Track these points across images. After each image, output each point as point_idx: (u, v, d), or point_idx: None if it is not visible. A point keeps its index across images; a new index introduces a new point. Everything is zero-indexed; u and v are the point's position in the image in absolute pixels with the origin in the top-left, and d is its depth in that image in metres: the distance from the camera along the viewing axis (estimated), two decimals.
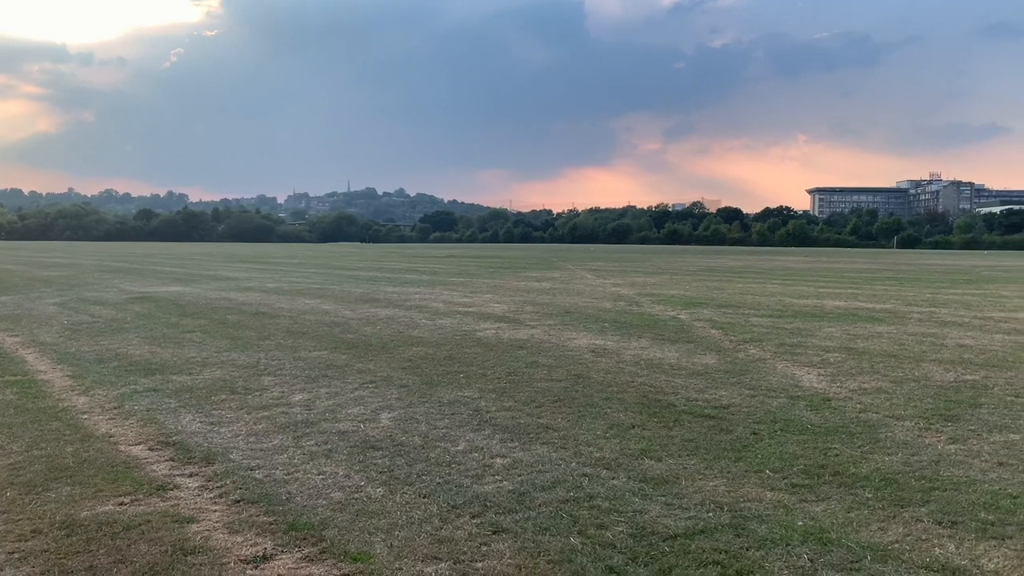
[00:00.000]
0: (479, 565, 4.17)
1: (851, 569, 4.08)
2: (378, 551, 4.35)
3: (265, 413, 7.55)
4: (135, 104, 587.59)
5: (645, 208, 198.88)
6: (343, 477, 5.62)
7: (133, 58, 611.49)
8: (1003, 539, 4.48)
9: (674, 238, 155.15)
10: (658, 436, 6.68)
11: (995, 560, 4.19)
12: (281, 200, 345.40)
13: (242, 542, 4.49)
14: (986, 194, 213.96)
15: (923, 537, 4.51)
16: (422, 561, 4.22)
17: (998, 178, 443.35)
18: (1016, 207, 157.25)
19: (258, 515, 4.89)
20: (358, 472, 5.73)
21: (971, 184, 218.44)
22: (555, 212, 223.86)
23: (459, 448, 6.33)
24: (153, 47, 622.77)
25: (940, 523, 4.72)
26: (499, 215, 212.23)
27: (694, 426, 7.01)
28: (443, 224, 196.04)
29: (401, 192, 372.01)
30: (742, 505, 5.02)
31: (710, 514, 4.86)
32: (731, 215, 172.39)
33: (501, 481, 5.51)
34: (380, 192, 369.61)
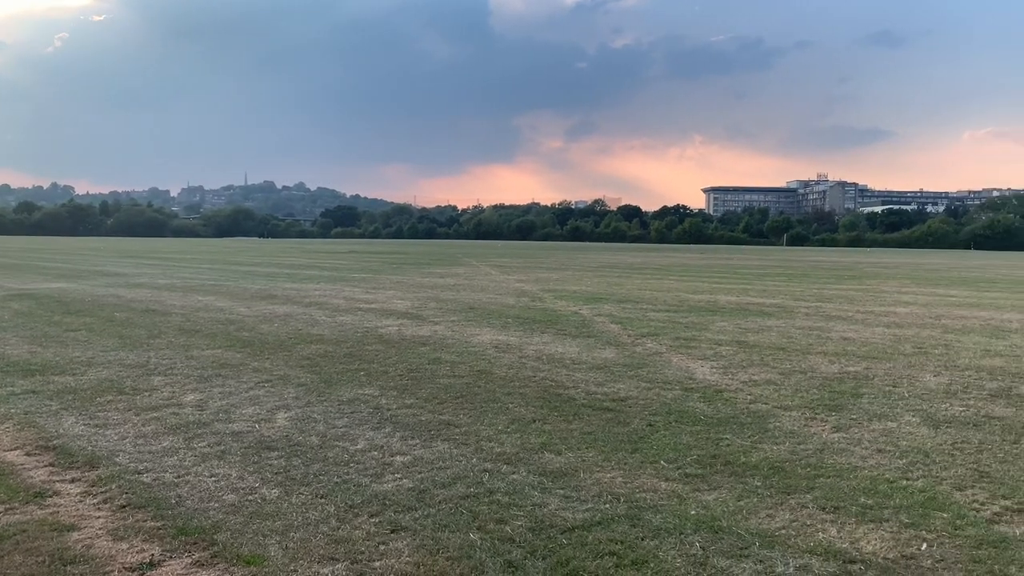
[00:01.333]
0: (377, 564, 4.12)
1: (740, 556, 4.22)
2: (273, 553, 4.24)
3: (154, 414, 7.25)
4: (15, 90, 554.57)
5: (549, 205, 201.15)
6: (237, 479, 5.45)
7: (13, 42, 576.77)
8: (880, 522, 4.72)
9: (577, 235, 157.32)
10: (558, 430, 6.75)
11: (873, 542, 4.41)
12: (174, 193, 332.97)
13: (127, 549, 4.30)
14: (869, 194, 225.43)
15: (808, 522, 4.71)
16: (318, 562, 4.14)
17: (880, 179, 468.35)
18: (896, 207, 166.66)
19: (145, 520, 4.69)
20: (252, 473, 5.57)
21: (855, 184, 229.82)
22: (460, 208, 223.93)
23: (358, 447, 6.24)
24: (35, 30, 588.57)
25: (824, 508, 4.93)
26: (403, 211, 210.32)
27: (593, 419, 7.12)
28: (345, 219, 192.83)
29: (301, 186, 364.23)
30: (638, 496, 5.13)
31: (607, 505, 4.95)
32: (631, 213, 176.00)
33: (401, 479, 5.45)
34: (279, 186, 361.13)
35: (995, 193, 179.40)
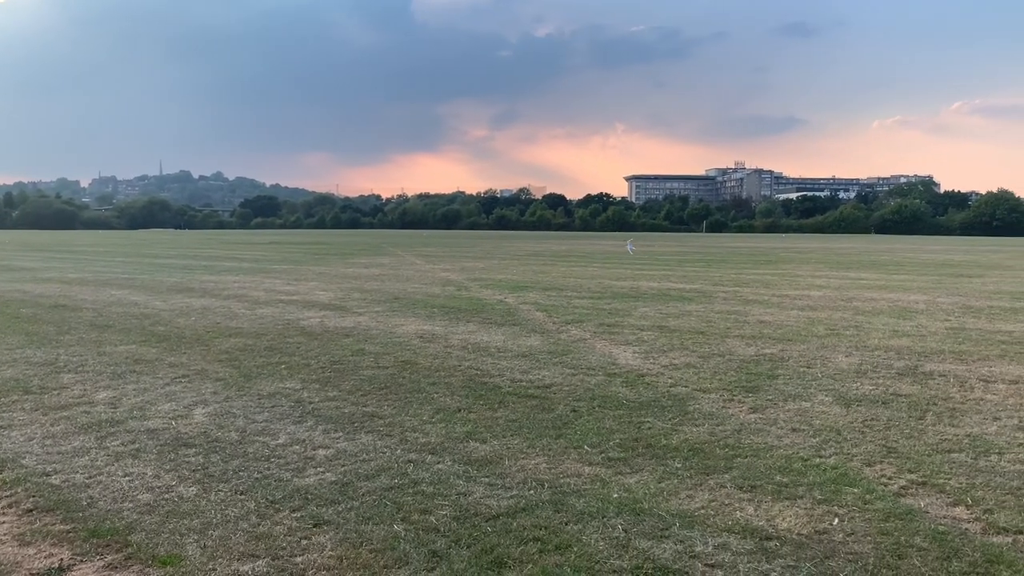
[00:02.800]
0: (299, 560, 4.05)
1: (662, 537, 4.30)
2: (190, 552, 4.13)
3: (64, 413, 6.96)
4: None
5: (474, 194, 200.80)
6: (152, 478, 5.29)
7: None
8: (795, 499, 4.87)
9: (503, 223, 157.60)
10: (483, 418, 6.76)
11: (788, 519, 4.56)
12: (85, 184, 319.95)
13: (35, 554, 4.12)
14: (784, 181, 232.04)
15: (726, 502, 4.83)
16: (238, 560, 4.05)
17: (795, 166, 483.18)
18: (810, 193, 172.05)
19: (54, 524, 4.50)
20: (169, 472, 5.41)
21: (771, 172, 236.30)
22: (384, 197, 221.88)
23: (279, 441, 6.12)
24: None
25: (741, 488, 5.07)
26: (326, 200, 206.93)
27: (518, 406, 7.15)
28: (265, 209, 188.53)
29: (219, 176, 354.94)
30: (562, 481, 5.18)
31: (531, 492, 4.98)
32: (556, 201, 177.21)
33: (324, 473, 5.37)
34: (196, 175, 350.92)
35: (902, 180, 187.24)
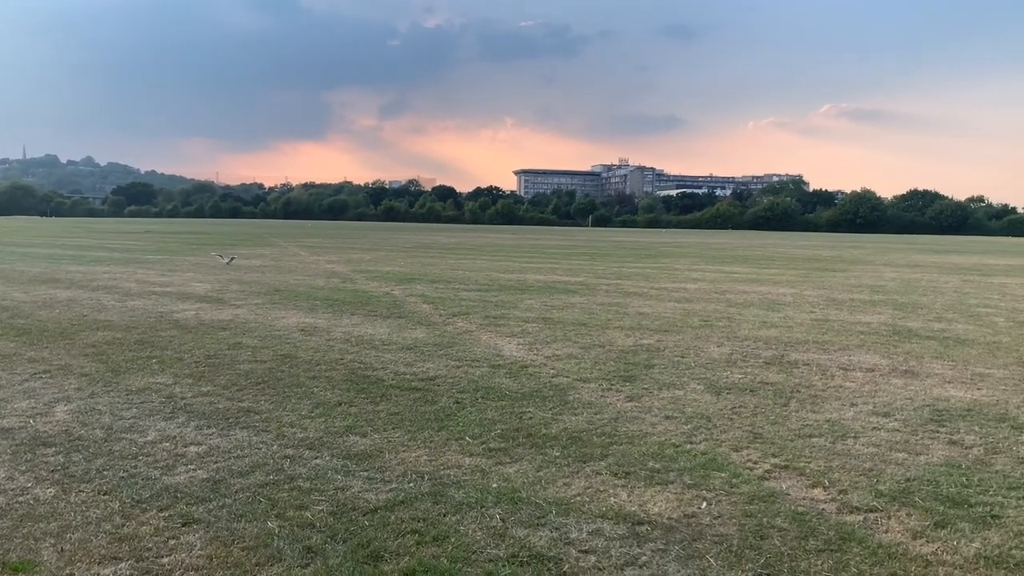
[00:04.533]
0: (165, 560, 3.90)
1: (538, 524, 4.37)
2: (46, 557, 3.90)
3: None
4: None
5: (362, 184, 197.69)
6: (5, 480, 4.97)
7: None
8: (666, 484, 5.05)
9: (391, 215, 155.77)
10: (364, 412, 6.68)
11: (659, 504, 4.72)
12: None
13: None
14: (665, 178, 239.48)
15: (601, 488, 4.95)
16: (98, 563, 3.86)
17: (675, 164, 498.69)
18: (689, 190, 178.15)
19: None
20: (24, 473, 5.10)
21: (653, 169, 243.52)
22: (267, 186, 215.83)
23: (148, 439, 5.87)
24: None
25: (616, 474, 5.21)
26: (205, 188, 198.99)
27: (401, 399, 7.11)
28: (140, 197, 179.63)
29: (89, 160, 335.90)
30: (442, 473, 5.18)
31: (411, 484, 4.96)
32: (445, 193, 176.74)
33: (195, 470, 5.19)
34: (64, 160, 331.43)
35: (775, 178, 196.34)
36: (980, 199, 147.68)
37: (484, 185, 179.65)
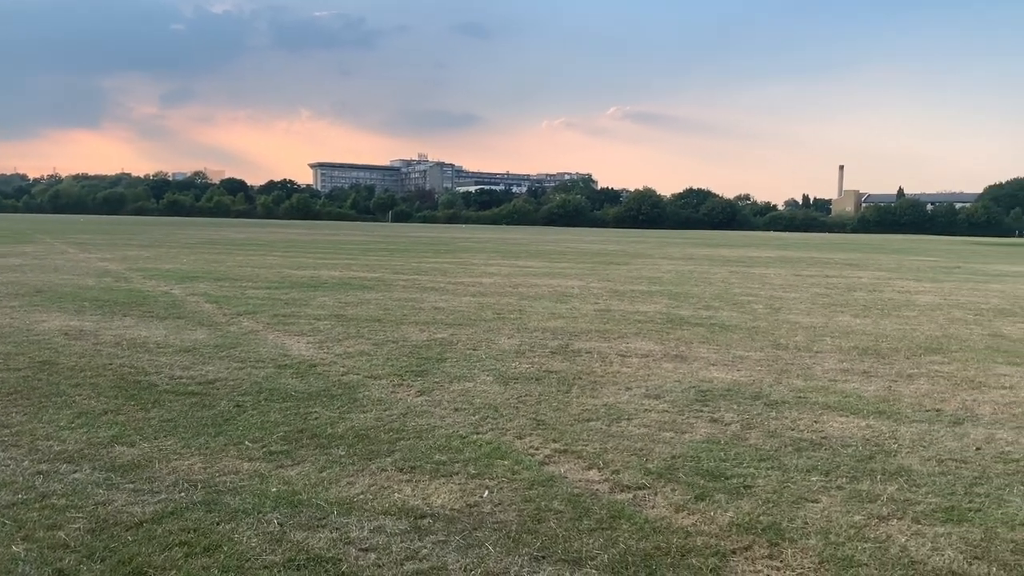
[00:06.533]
0: None
1: (318, 526, 4.27)
2: None
3: None
4: None
5: (142, 176, 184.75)
6: None
7: None
8: (451, 476, 5.10)
9: (175, 209, 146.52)
10: (133, 420, 6.22)
11: (443, 496, 4.75)
12: None
13: None
14: (464, 175, 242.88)
15: (386, 485, 4.91)
16: None
17: (474, 161, 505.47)
18: (487, 187, 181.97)
19: None
20: None
21: (452, 165, 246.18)
22: (32, 177, 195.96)
23: None
24: None
25: (402, 470, 5.19)
26: None
27: (175, 405, 6.69)
28: None
29: None
30: (218, 480, 4.93)
31: (182, 494, 4.67)
32: (235, 187, 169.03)
33: None
34: None
35: (567, 176, 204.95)
36: (747, 197, 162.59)
37: (278, 178, 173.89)
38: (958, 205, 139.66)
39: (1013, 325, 12.91)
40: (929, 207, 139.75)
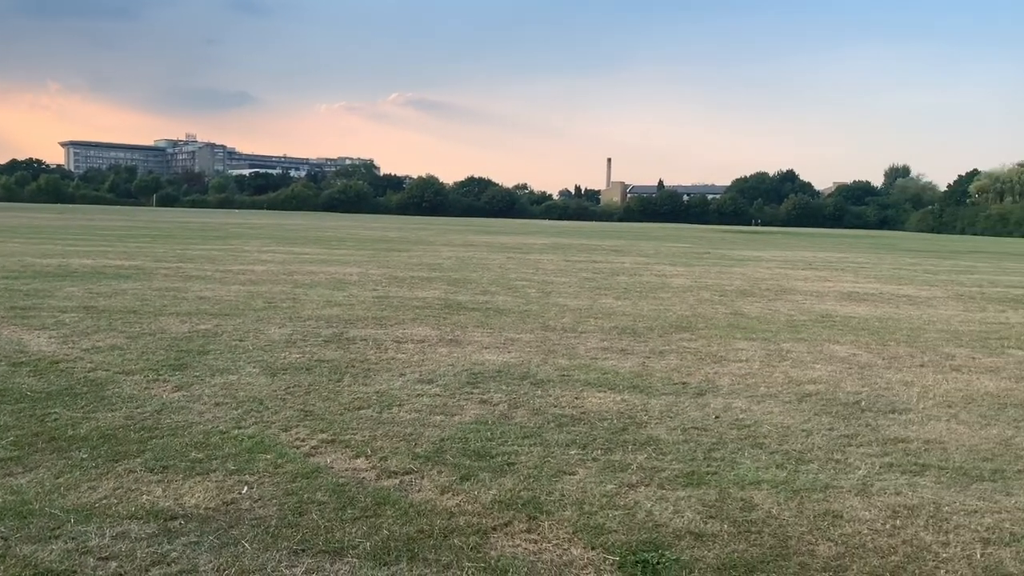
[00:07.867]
0: None
1: (50, 537, 3.88)
2: None
3: None
4: None
5: None
6: None
7: None
8: (208, 473, 4.83)
9: None
10: None
11: (197, 495, 4.49)
12: None
13: None
14: (237, 157, 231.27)
15: (133, 487, 4.56)
16: None
17: (248, 143, 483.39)
18: (263, 170, 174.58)
19: None
20: None
21: (224, 147, 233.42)
22: None
23: None
24: None
25: (152, 470, 4.84)
26: None
27: None
28: None
29: None
30: None
31: None
32: None
33: None
34: None
35: (348, 161, 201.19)
36: (525, 186, 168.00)
37: (22, 157, 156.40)
38: (710, 196, 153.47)
39: (751, 304, 14.35)
40: (685, 198, 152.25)
